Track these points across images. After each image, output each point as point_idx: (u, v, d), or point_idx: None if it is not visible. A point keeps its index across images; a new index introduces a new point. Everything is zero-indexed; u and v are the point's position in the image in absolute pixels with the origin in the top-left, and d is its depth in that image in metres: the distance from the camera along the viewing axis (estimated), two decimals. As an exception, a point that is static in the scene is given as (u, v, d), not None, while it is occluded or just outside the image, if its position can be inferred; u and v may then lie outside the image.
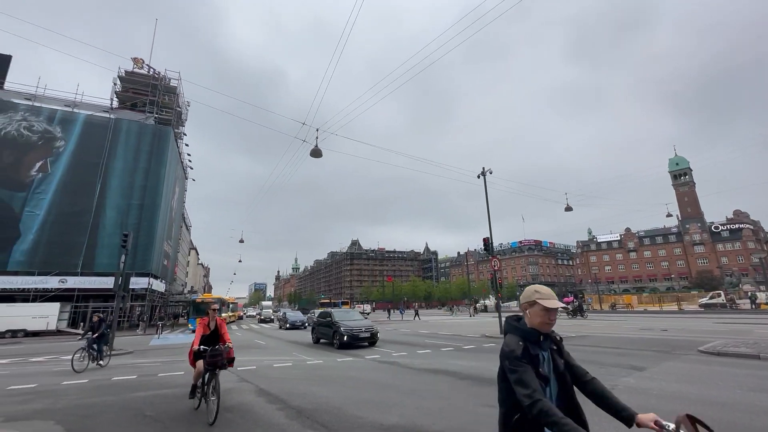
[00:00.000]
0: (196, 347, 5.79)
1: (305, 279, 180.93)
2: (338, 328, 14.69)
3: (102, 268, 31.99)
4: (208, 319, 6.19)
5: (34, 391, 8.19)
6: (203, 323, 6.09)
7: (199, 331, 5.96)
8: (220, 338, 6.16)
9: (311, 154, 16.29)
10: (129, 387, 8.36)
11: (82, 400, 7.23)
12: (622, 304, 49.84)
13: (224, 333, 6.19)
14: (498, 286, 18.89)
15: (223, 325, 6.29)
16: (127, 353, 15.30)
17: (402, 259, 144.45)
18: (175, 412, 6.19)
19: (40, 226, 31.87)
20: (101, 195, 34.13)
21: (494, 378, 7.36)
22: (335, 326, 14.96)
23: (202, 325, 6.08)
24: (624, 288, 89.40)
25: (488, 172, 20.27)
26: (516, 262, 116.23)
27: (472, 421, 5.22)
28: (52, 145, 34.01)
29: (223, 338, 6.14)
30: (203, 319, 6.15)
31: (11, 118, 33.32)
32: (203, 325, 6.07)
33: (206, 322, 6.12)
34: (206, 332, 6.03)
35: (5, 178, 32.14)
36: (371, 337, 14.78)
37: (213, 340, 6.02)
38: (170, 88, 41.37)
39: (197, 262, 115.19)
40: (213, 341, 6.00)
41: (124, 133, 36.50)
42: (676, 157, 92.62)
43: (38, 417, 6.12)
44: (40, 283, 30.04)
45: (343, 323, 15.09)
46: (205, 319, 6.16)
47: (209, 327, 6.13)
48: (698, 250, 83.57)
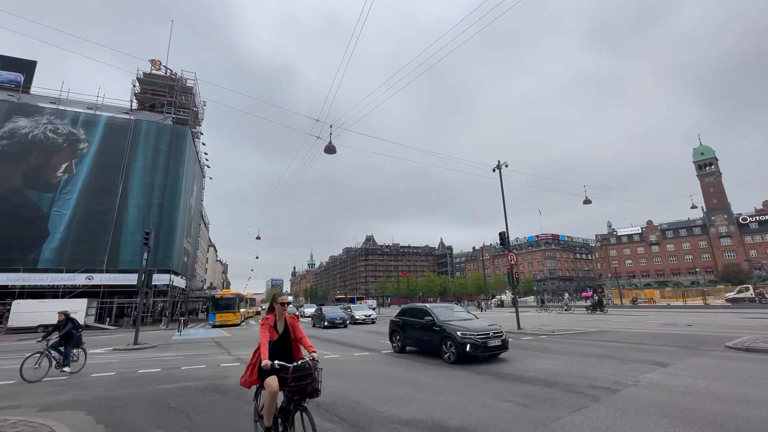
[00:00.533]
0: (265, 360, 3.74)
1: (321, 275, 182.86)
2: (451, 333, 9.76)
3: (126, 264, 33.07)
4: (274, 318, 4.18)
5: (65, 383, 8.55)
6: (268, 324, 4.09)
7: (265, 336, 3.99)
8: (293, 346, 4.21)
9: (325, 151, 16.38)
10: (154, 379, 8.64)
11: (109, 391, 7.51)
12: (643, 299, 48.57)
13: (302, 337, 4.20)
14: (515, 281, 18.67)
15: (298, 326, 4.27)
16: (151, 347, 15.80)
17: (417, 255, 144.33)
18: (198, 404, 6.35)
19: (66, 225, 33.14)
20: (123, 194, 35.20)
21: (511, 373, 7.31)
22: (442, 330, 10.11)
23: (266, 327, 4.07)
24: (645, 282, 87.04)
25: (504, 166, 19.96)
26: (533, 257, 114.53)
27: (490, 416, 5.19)
28: (77, 147, 35.22)
29: (302, 345, 4.18)
30: (267, 318, 4.16)
31: (38, 122, 34.62)
32: (268, 327, 4.08)
33: (272, 323, 4.14)
34: (273, 337, 4.09)
35: (34, 179, 33.49)
36: (503, 344, 9.90)
37: (285, 350, 4.11)
38: (187, 88, 42.15)
39: (216, 259, 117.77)
40: (285, 351, 4.10)
41: (143, 133, 37.48)
42: (700, 147, 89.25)
43: (69, 407, 6.40)
44: (68, 279, 31.27)
45: (455, 325, 10.04)
46: (270, 318, 4.16)
47: (276, 330, 4.15)
48: (725, 243, 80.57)
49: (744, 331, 13.93)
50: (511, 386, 6.93)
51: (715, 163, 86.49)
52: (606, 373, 7.72)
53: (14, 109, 34.56)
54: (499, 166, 19.98)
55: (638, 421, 4.81)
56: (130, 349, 15.14)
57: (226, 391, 7.18)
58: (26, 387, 8.21)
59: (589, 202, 27.70)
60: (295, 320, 4.29)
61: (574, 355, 10.30)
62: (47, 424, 5.11)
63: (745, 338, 11.45)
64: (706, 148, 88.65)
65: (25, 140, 33.83)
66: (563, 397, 6.10)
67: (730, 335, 12.79)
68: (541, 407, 5.53)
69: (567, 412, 5.28)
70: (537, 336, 15.31)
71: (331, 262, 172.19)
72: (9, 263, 30.46)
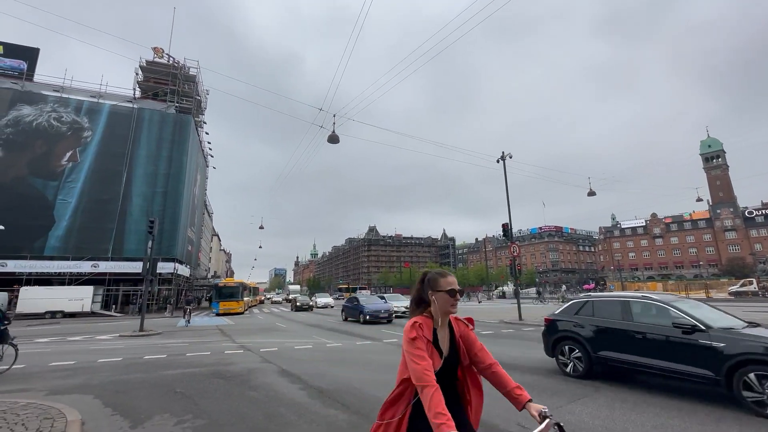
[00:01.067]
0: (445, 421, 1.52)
1: (324, 265, 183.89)
2: None
3: (130, 253, 33.36)
4: (432, 323, 1.91)
5: (73, 368, 8.72)
6: (422, 335, 1.82)
7: (422, 356, 1.74)
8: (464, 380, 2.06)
9: (329, 140, 16.32)
10: (159, 365, 8.79)
11: (116, 376, 7.65)
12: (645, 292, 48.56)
13: (491, 363, 2.08)
14: (517, 273, 18.69)
15: (472, 337, 2.05)
16: (157, 334, 16.03)
17: (419, 246, 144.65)
18: (203, 389, 6.46)
19: (72, 213, 33.38)
20: (127, 183, 35.32)
21: (511, 363, 7.34)
22: None
23: (422, 339, 1.80)
24: (648, 275, 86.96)
25: (508, 157, 19.83)
26: (536, 249, 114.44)
27: (489, 403, 5.20)
28: (80, 135, 35.27)
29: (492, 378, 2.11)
30: (420, 324, 1.85)
31: (42, 110, 34.62)
32: (425, 342, 1.81)
33: (429, 332, 1.87)
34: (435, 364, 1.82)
35: (39, 168, 33.65)
36: None
37: (448, 386, 1.91)
38: (189, 76, 41.92)
39: (219, 249, 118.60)
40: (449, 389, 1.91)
41: (146, 122, 37.43)
42: (708, 139, 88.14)
43: (77, 391, 6.53)
44: (74, 267, 31.63)
45: None
46: (424, 324, 1.87)
47: (438, 348, 1.90)
48: (729, 237, 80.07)
49: (746, 325, 13.91)
50: (511, 375, 6.96)
51: (722, 156, 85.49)
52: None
53: (18, 97, 34.56)
54: (503, 157, 19.85)
55: (637, 411, 4.86)
56: (136, 336, 15.38)
57: (230, 378, 7.30)
58: (36, 371, 8.37)
59: (593, 194, 27.52)
60: (469, 329, 2.09)
61: (575, 346, 10.35)
62: (56, 407, 5.22)
63: (747, 331, 11.44)
64: (713, 140, 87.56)
65: (29, 128, 33.89)
66: (563, 386, 6.15)
67: (732, 328, 12.77)
68: (541, 396, 5.59)
69: (567, 401, 5.33)
70: (538, 327, 15.38)
71: (333, 252, 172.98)
72: (16, 250, 30.81)
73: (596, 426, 4.36)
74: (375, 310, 18.75)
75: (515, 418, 4.67)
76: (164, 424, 4.72)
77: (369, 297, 22.54)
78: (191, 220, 45.13)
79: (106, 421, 4.91)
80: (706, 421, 4.47)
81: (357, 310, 19.45)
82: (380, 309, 18.83)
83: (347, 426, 4.52)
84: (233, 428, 4.53)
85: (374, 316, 18.49)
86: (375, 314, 18.55)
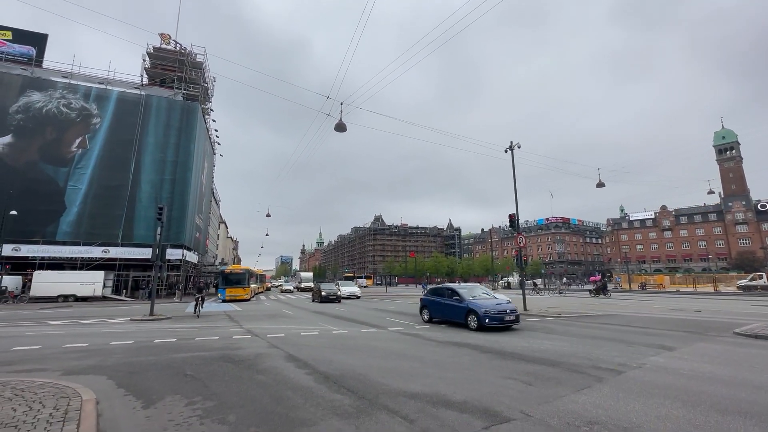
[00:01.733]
0: None
1: (329, 253, 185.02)
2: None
3: (140, 239, 33.85)
4: None
5: (86, 350, 8.96)
6: None
7: None
8: None
9: (335, 129, 16.26)
10: (169, 348, 8.99)
11: (128, 358, 7.85)
12: (653, 284, 48.25)
13: None
14: (523, 264, 18.67)
15: None
16: (166, 318, 16.36)
17: (425, 235, 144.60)
18: (212, 372, 6.62)
19: (82, 199, 33.86)
20: (136, 170, 35.64)
21: (516, 352, 7.40)
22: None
23: None
24: (656, 268, 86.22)
25: (516, 146, 19.61)
26: (542, 240, 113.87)
27: (494, 392, 5.31)
28: (89, 122, 35.51)
29: None
30: None
31: (51, 96, 34.85)
32: None
33: None
34: None
35: (49, 154, 34.05)
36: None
37: None
38: (196, 63, 41.77)
39: (227, 236, 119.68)
40: None
41: (154, 109, 37.53)
42: (722, 130, 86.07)
43: (91, 372, 6.73)
44: (86, 252, 32.24)
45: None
46: None
47: None
48: (740, 230, 78.79)
49: (754, 319, 13.83)
50: (515, 365, 7.05)
51: (736, 148, 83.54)
52: (611, 355, 7.79)
53: (28, 83, 34.79)
54: (511, 147, 19.63)
55: (641, 401, 4.88)
56: (147, 320, 15.72)
57: (238, 362, 7.45)
58: (51, 352, 8.63)
59: (602, 186, 27.22)
60: None
61: (580, 336, 10.39)
62: (71, 386, 5.40)
63: (755, 325, 11.38)
64: (728, 131, 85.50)
65: (39, 114, 34.19)
66: (567, 376, 6.19)
67: (739, 322, 12.72)
68: (545, 385, 5.64)
69: (570, 391, 5.37)
70: (543, 318, 15.42)
71: (339, 240, 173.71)
72: (29, 235, 31.45)
73: (599, 415, 4.40)
74: (499, 310, 11.59)
75: (518, 405, 4.73)
76: (175, 405, 4.86)
77: (471, 287, 13.85)
78: (199, 208, 45.54)
79: (120, 401, 5.06)
80: (710, 412, 4.48)
81: (458, 309, 12.44)
82: (505, 309, 11.72)
83: (352, 410, 4.61)
84: (242, 410, 4.65)
85: (497, 319, 11.40)
86: (499, 317, 11.43)
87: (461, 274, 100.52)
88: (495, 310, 11.68)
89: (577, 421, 4.21)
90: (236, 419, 4.34)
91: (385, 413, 4.50)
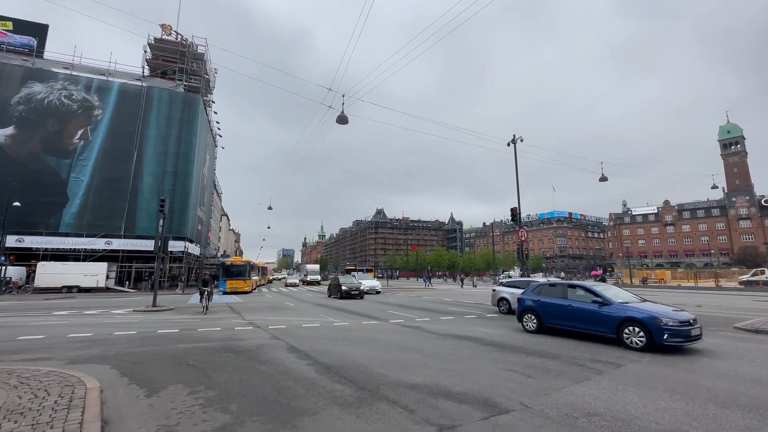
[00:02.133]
0: None
1: (331, 246, 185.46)
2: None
3: (142, 231, 33.98)
4: None
5: (90, 340, 9.06)
6: None
7: None
8: None
9: (337, 121, 16.20)
10: (172, 339, 9.08)
11: (131, 348, 7.94)
12: (654, 279, 48.24)
13: None
14: (524, 258, 18.68)
15: None
16: (169, 310, 16.49)
17: (426, 229, 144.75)
18: (214, 362, 6.69)
19: (84, 191, 33.95)
20: (138, 162, 35.65)
21: (516, 345, 7.42)
22: None
23: None
24: (658, 263, 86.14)
25: (519, 140, 19.51)
26: (543, 234, 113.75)
27: (494, 384, 5.35)
28: (91, 114, 35.45)
29: None
30: None
31: (52, 87, 34.76)
32: None
33: None
34: None
35: (51, 145, 34.07)
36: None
37: None
38: (198, 54, 41.52)
39: (228, 228, 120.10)
40: None
41: (155, 101, 37.41)
42: (727, 125, 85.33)
43: (95, 361, 6.81)
44: (89, 244, 32.42)
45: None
46: None
47: None
48: (744, 225, 78.54)
49: (755, 314, 13.83)
50: (515, 357, 7.09)
51: (741, 142, 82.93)
52: (611, 349, 7.82)
53: (29, 74, 34.68)
54: (514, 141, 19.54)
55: (639, 393, 4.91)
56: (149, 311, 15.85)
57: (240, 353, 7.52)
58: (55, 341, 8.73)
59: (605, 180, 27.10)
60: None
61: (580, 330, 10.41)
62: (76, 375, 5.47)
63: (756, 320, 11.38)
64: (733, 126, 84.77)
65: (41, 106, 34.14)
66: (567, 369, 6.23)
67: (740, 317, 12.72)
68: (545, 378, 5.68)
69: (570, 383, 5.41)
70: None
71: (341, 234, 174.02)
72: (32, 226, 31.62)
73: (598, 407, 4.43)
74: (682, 320, 7.65)
75: (517, 397, 4.77)
76: (178, 394, 4.92)
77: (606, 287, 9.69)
78: (201, 200, 45.61)
79: (123, 390, 5.13)
80: (707, 405, 4.51)
81: (601, 317, 8.52)
82: (687, 319, 7.74)
83: (353, 400, 4.65)
84: (244, 399, 4.70)
85: (682, 335, 7.49)
86: (684, 331, 7.50)
87: (462, 267, 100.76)
88: (676, 319, 7.52)
89: (575, 413, 4.24)
90: (238, 408, 4.39)
91: (386, 403, 4.55)
